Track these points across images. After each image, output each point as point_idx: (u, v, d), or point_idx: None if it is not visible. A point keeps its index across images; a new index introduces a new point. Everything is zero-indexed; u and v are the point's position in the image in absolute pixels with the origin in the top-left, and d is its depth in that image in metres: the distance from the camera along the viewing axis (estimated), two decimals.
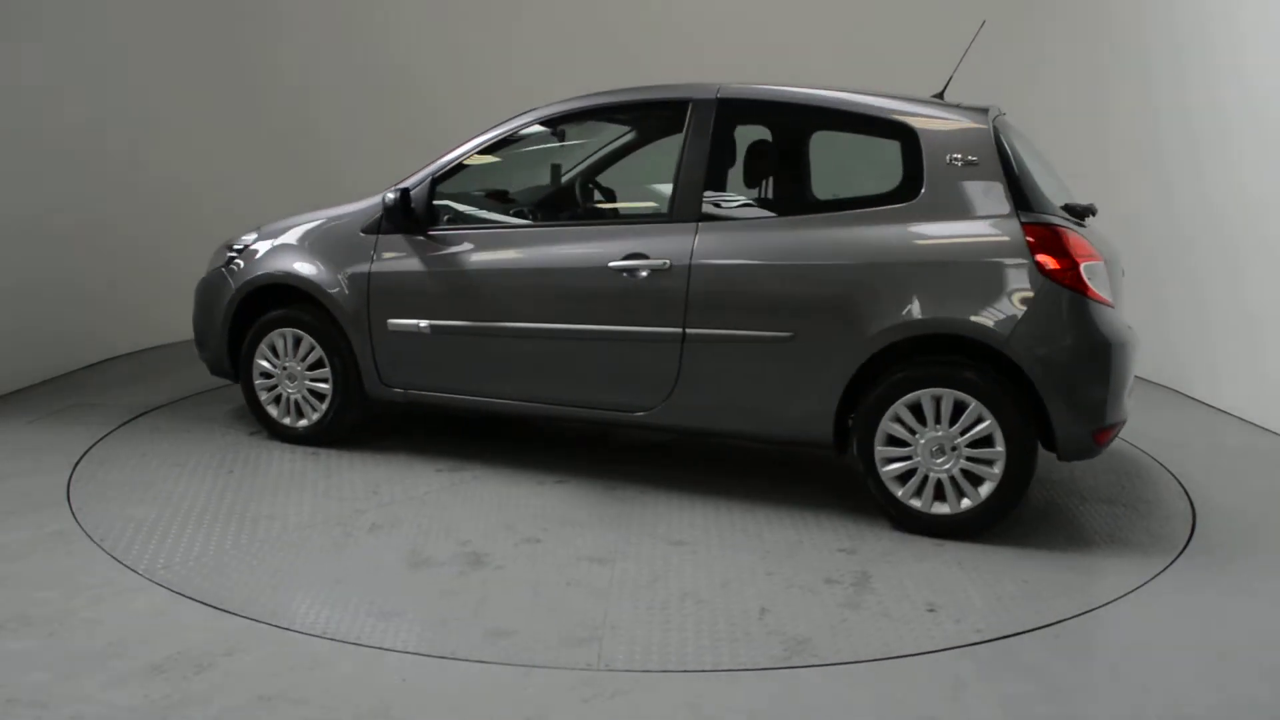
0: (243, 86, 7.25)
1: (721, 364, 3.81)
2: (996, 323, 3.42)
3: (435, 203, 4.26)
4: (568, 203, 4.75)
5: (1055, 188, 3.88)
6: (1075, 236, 3.51)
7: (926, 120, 3.67)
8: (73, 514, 3.65)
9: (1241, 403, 5.30)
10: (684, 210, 3.86)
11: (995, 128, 3.63)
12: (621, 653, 2.71)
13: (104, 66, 6.09)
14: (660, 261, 3.81)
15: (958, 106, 3.76)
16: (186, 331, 7.02)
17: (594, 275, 3.93)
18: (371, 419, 4.83)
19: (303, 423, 4.52)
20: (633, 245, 3.88)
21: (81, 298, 6.06)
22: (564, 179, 4.79)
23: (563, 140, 4.48)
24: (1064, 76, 6.70)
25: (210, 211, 7.19)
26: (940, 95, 3.99)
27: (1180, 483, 4.24)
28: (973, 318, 3.45)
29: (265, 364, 4.54)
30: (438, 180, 4.26)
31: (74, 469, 4.16)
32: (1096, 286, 3.47)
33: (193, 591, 3.01)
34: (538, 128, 4.28)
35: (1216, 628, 2.93)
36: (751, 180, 4.06)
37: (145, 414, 5.04)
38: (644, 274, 3.84)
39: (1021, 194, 3.52)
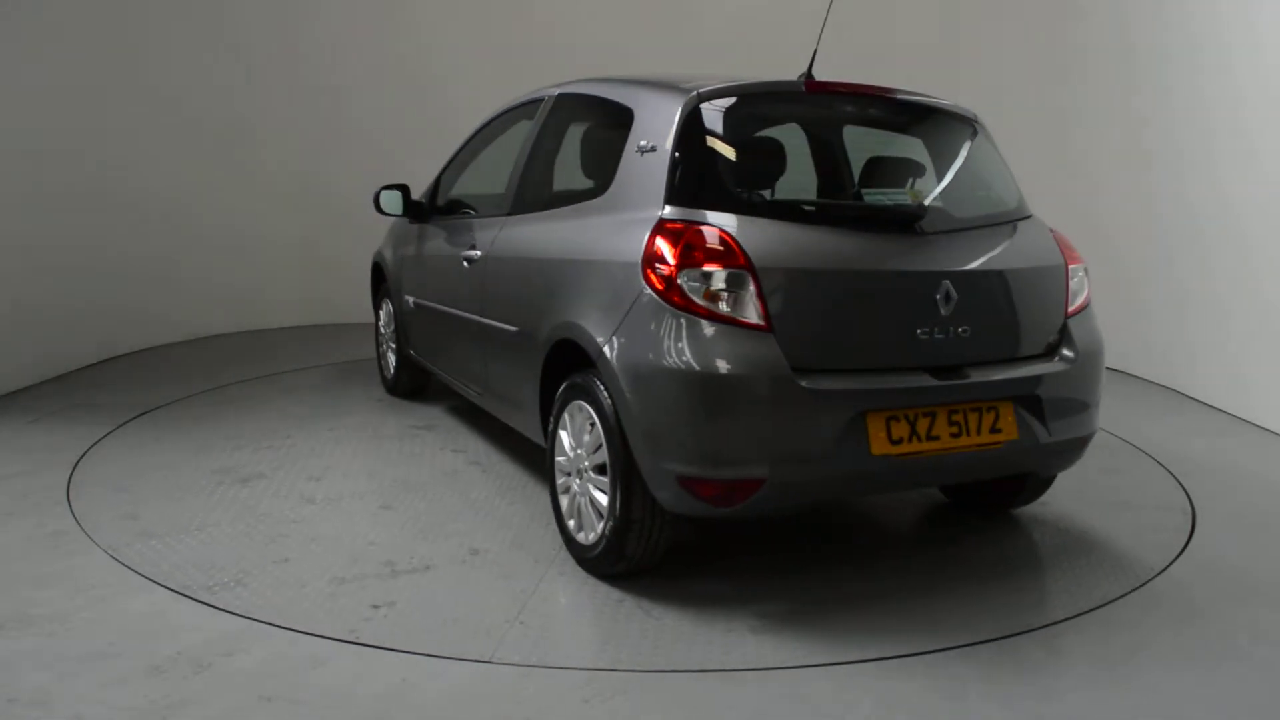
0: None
1: (494, 354, 3.92)
2: (599, 333, 3.00)
3: (439, 196, 4.82)
4: (477, 199, 4.98)
5: (1006, 188, 3.45)
6: (703, 236, 2.83)
7: (642, 105, 3.28)
8: (73, 514, 3.65)
9: (1248, 405, 5.29)
10: (506, 204, 3.98)
11: (698, 109, 3.06)
12: (164, 565, 2.95)
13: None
14: (476, 253, 4.06)
15: (684, 83, 3.23)
16: (185, 333, 7.06)
17: (453, 264, 4.31)
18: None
19: (390, 377, 5.57)
20: (475, 237, 4.12)
21: (83, 299, 6.06)
22: (482, 177, 5.01)
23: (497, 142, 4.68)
24: (1078, 77, 6.69)
25: (210, 220, 7.20)
26: (807, 73, 3.38)
27: (1180, 483, 4.24)
28: (586, 325, 3.07)
29: (381, 328, 5.69)
30: (440, 176, 4.84)
31: (74, 469, 4.16)
32: (724, 303, 2.78)
33: (193, 591, 3.01)
34: (485, 130, 4.67)
35: (1216, 627, 2.93)
36: (554, 176, 4.05)
37: (145, 413, 5.05)
38: (466, 264, 4.12)
39: (686, 188, 2.96)
